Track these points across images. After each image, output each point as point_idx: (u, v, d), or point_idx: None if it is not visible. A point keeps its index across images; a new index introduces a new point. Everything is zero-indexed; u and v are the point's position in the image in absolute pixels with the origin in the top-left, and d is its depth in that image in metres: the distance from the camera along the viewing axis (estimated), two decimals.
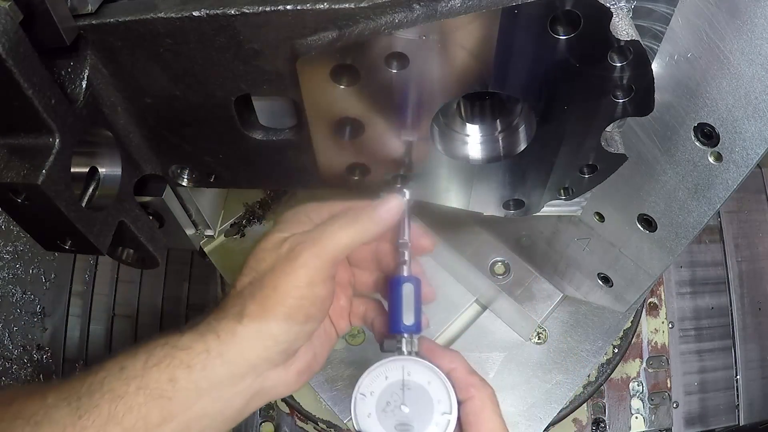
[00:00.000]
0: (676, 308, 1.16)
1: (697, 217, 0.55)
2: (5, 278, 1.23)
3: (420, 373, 0.48)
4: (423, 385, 0.47)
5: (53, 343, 1.26)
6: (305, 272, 0.47)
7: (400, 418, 0.47)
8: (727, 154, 0.48)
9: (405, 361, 0.48)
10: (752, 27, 0.40)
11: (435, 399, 0.47)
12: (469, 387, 0.47)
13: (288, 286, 0.47)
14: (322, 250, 0.48)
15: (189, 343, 0.48)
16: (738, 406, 1.13)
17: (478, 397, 0.47)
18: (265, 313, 0.47)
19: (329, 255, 0.48)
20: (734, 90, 0.44)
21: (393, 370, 0.48)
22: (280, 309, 0.46)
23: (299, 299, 0.47)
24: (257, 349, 0.47)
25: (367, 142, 0.50)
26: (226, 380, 0.47)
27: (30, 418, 0.44)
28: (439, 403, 0.47)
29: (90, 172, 0.52)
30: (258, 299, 0.47)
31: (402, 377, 0.48)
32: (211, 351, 0.47)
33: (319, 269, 0.47)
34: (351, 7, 0.40)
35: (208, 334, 0.48)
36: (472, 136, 0.54)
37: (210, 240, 1.03)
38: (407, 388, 0.47)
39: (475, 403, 0.47)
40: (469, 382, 0.48)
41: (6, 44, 0.37)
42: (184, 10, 0.42)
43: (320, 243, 0.48)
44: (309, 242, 0.48)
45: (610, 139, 0.52)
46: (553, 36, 0.40)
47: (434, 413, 0.47)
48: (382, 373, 0.48)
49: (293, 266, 0.47)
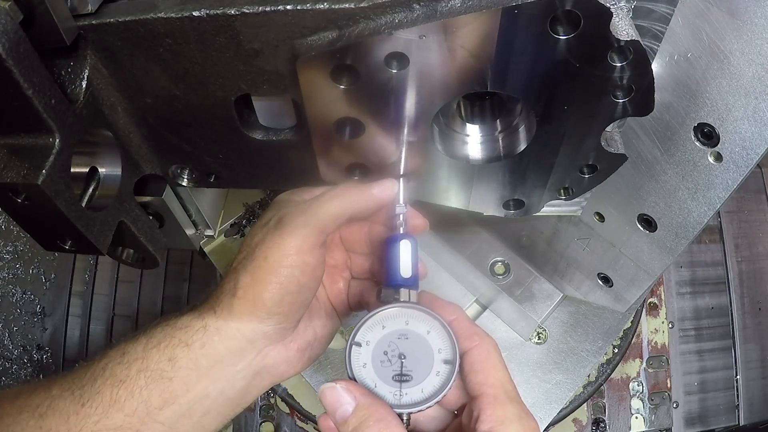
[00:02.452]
0: (676, 308, 1.16)
1: (697, 217, 0.54)
2: (5, 278, 1.23)
3: (420, 321, 0.46)
4: (422, 335, 0.46)
5: (53, 343, 1.26)
6: (293, 240, 0.47)
7: (398, 368, 0.45)
8: (727, 154, 0.47)
9: (404, 309, 0.47)
10: (752, 27, 0.40)
11: (435, 348, 0.45)
12: (472, 335, 0.46)
13: (278, 255, 0.46)
14: (310, 218, 0.48)
15: (187, 321, 0.48)
16: (738, 406, 1.13)
17: (483, 345, 0.46)
18: (257, 283, 0.47)
19: (317, 223, 0.47)
20: (734, 90, 0.44)
21: (391, 318, 0.46)
22: (271, 278, 0.46)
23: (289, 267, 0.47)
24: (253, 322, 0.47)
25: (367, 142, 0.50)
26: (225, 357, 0.47)
27: (35, 410, 0.45)
28: (440, 352, 0.45)
29: (90, 172, 0.52)
30: (249, 270, 0.47)
31: (400, 326, 0.46)
32: (208, 327, 0.47)
33: (307, 237, 0.47)
34: (351, 7, 0.40)
35: (205, 312, 0.48)
36: (472, 136, 0.54)
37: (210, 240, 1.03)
38: (405, 338, 0.46)
39: (480, 351, 0.45)
40: (472, 330, 0.47)
41: (6, 44, 0.37)
42: (184, 10, 0.42)
43: (308, 212, 0.48)
44: (297, 212, 0.48)
45: (610, 139, 0.52)
46: (553, 36, 0.40)
47: (434, 362, 0.45)
48: (378, 322, 0.46)
49: (281, 235, 0.47)
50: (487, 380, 0.43)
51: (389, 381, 0.45)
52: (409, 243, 0.49)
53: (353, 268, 0.59)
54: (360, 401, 0.43)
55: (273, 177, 0.58)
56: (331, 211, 0.48)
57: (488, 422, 0.41)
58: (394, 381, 0.45)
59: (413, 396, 0.44)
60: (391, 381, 0.45)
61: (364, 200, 0.50)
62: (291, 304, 0.48)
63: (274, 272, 0.46)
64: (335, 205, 0.48)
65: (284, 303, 0.47)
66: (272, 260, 0.47)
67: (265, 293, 0.47)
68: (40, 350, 1.25)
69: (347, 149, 0.52)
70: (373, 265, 0.57)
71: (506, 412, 0.41)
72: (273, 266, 0.47)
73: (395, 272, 0.48)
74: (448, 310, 0.48)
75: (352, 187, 0.50)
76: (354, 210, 0.49)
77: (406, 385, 0.45)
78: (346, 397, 0.43)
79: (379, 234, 0.55)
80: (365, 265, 0.58)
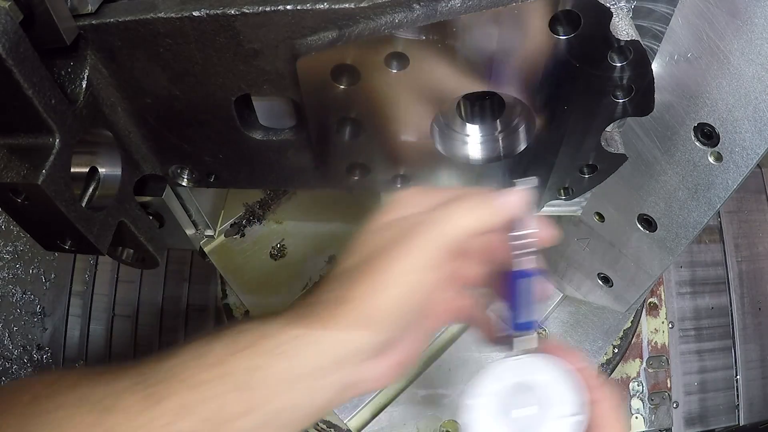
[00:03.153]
0: (676, 308, 1.16)
1: (697, 217, 0.54)
2: (5, 278, 1.23)
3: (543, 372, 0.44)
4: (548, 385, 0.43)
5: (53, 343, 1.26)
6: (421, 256, 0.43)
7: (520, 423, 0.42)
8: (727, 154, 0.47)
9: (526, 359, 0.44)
10: (752, 27, 0.40)
11: (559, 400, 0.43)
12: (598, 388, 0.44)
13: (402, 268, 0.43)
14: (440, 234, 0.44)
15: (278, 329, 0.44)
16: (738, 406, 1.13)
17: (608, 400, 0.44)
18: (375, 296, 0.43)
19: (446, 239, 0.44)
20: (734, 90, 0.43)
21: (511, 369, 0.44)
22: (392, 291, 0.43)
23: (413, 284, 0.43)
24: (357, 338, 0.43)
25: (367, 142, 0.50)
26: (316, 370, 0.43)
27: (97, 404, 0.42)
28: (563, 405, 0.42)
29: (90, 172, 0.52)
30: (366, 281, 0.43)
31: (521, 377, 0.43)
32: (303, 337, 0.43)
33: (435, 254, 0.43)
34: (351, 7, 0.40)
35: (300, 320, 0.44)
36: (472, 136, 0.54)
37: (210, 240, 1.03)
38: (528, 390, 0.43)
39: (604, 406, 0.43)
40: (597, 383, 0.44)
41: (6, 44, 0.37)
42: (184, 10, 0.42)
43: (438, 226, 0.44)
44: (426, 225, 0.44)
45: (610, 139, 0.52)
46: (553, 36, 0.40)
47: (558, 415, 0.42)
48: (499, 372, 0.44)
49: (409, 248, 0.43)
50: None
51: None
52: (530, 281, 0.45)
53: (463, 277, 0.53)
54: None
55: (273, 177, 0.58)
56: (460, 228, 0.44)
57: None
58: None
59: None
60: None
61: (494, 217, 0.45)
62: (404, 318, 0.45)
63: (395, 287, 0.43)
64: (466, 221, 0.44)
65: (400, 317, 0.44)
66: (396, 272, 0.43)
67: (382, 305, 0.43)
68: (40, 350, 1.25)
69: (347, 149, 0.52)
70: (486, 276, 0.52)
71: None
72: (395, 279, 0.43)
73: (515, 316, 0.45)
74: (574, 357, 0.46)
75: (482, 199, 0.46)
76: (482, 229, 0.45)
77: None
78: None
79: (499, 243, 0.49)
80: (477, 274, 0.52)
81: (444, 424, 0.90)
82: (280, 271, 1.03)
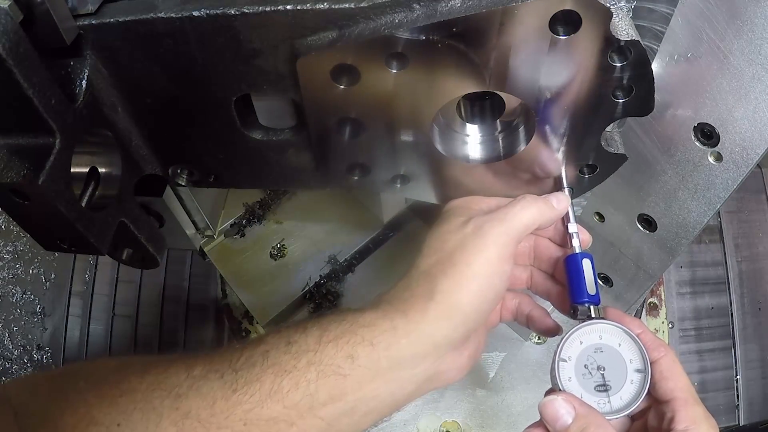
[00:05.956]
0: (676, 308, 1.16)
1: (697, 217, 0.55)
2: (5, 278, 1.23)
3: (612, 335, 0.50)
4: (615, 347, 0.50)
5: (53, 343, 1.26)
6: (495, 248, 0.48)
7: (598, 379, 0.49)
8: (727, 154, 0.47)
9: (597, 325, 0.50)
10: (752, 27, 0.40)
11: (627, 359, 0.49)
12: (659, 347, 0.49)
13: (481, 261, 0.47)
14: (509, 228, 0.49)
15: (371, 320, 0.46)
16: (738, 406, 1.13)
17: (669, 356, 0.49)
18: (460, 289, 0.47)
19: (515, 232, 0.49)
20: (734, 90, 0.44)
21: (587, 334, 0.50)
22: (474, 284, 0.47)
23: (491, 276, 0.47)
24: (446, 328, 0.47)
25: (367, 142, 0.50)
26: (407, 361, 0.46)
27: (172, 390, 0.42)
28: (632, 362, 0.49)
29: (90, 172, 0.52)
30: (450, 275, 0.47)
31: (595, 341, 0.50)
32: (398, 329, 0.46)
33: (507, 246, 0.48)
34: (351, 7, 0.40)
35: (393, 313, 0.47)
36: (472, 136, 0.54)
37: (210, 240, 1.03)
38: (600, 351, 0.50)
39: (667, 360, 0.49)
40: (658, 342, 0.50)
41: (6, 44, 0.37)
42: (184, 10, 0.42)
43: (507, 221, 0.49)
44: (497, 220, 0.49)
45: (610, 139, 0.52)
46: (553, 36, 0.40)
47: (628, 372, 0.49)
48: (576, 338, 0.51)
49: (485, 242, 0.48)
50: (677, 385, 0.47)
51: (592, 392, 0.49)
52: (590, 261, 0.52)
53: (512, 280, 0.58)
54: (579, 411, 0.46)
55: (273, 177, 0.58)
56: (524, 220, 0.49)
57: (683, 422, 0.45)
58: (597, 391, 0.49)
59: (615, 404, 0.49)
60: (593, 391, 0.49)
61: (549, 212, 0.51)
62: (485, 311, 0.49)
63: (476, 279, 0.47)
64: (529, 214, 0.49)
65: (481, 310, 0.48)
66: (476, 267, 0.47)
67: (465, 299, 0.47)
68: (40, 350, 1.25)
69: (347, 149, 0.52)
70: (529, 278, 0.58)
71: (697, 413, 0.46)
72: (476, 273, 0.47)
73: (582, 290, 0.51)
74: (634, 324, 0.51)
75: (537, 198, 0.51)
76: (541, 221, 0.51)
77: (608, 394, 0.49)
78: (566, 407, 0.46)
79: (547, 248, 0.56)
80: (523, 276, 0.58)
81: (444, 424, 0.90)
82: (280, 271, 1.03)
